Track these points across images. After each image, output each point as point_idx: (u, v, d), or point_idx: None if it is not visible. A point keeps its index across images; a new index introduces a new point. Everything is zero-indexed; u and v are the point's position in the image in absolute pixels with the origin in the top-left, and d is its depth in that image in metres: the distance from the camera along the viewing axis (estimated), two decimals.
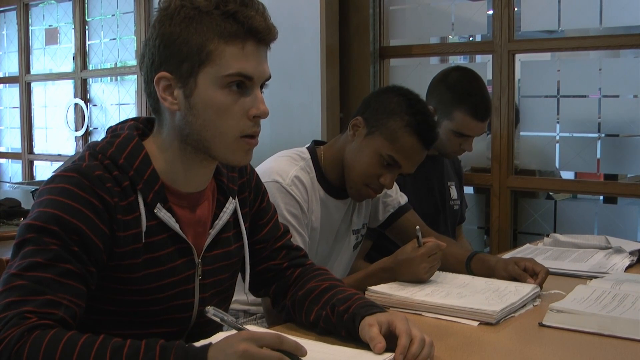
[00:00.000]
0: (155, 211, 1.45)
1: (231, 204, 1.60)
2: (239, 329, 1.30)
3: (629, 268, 2.38)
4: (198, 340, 1.35)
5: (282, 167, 2.16)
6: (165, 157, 1.49)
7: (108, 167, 1.42)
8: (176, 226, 1.48)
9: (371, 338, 1.43)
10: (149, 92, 1.48)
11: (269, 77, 1.48)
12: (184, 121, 1.45)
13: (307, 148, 2.30)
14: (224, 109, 1.43)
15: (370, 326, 1.46)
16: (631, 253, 2.50)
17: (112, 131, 1.52)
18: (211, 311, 1.30)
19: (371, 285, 1.95)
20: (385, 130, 2.15)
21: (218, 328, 1.41)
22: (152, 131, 1.53)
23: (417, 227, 2.07)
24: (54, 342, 1.20)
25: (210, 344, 1.24)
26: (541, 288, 2.02)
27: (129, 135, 1.48)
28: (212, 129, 1.44)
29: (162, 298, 1.48)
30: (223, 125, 1.44)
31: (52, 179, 1.40)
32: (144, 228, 1.43)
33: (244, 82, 1.43)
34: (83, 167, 1.40)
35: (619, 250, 2.55)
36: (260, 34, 1.43)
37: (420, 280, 2.01)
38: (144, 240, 1.43)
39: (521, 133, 3.76)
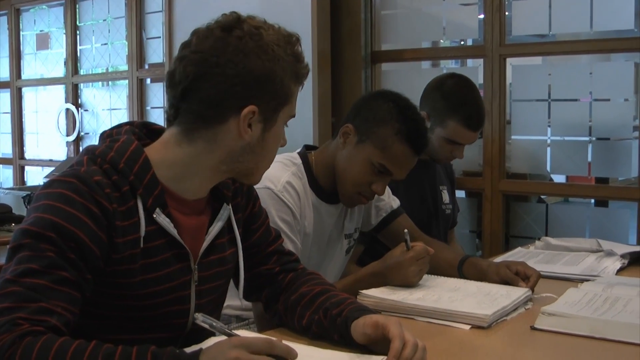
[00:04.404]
0: (154, 216, 1.44)
1: (226, 210, 1.60)
2: (229, 335, 1.30)
3: (620, 271, 2.39)
4: (194, 345, 1.35)
5: (273, 173, 2.15)
6: (183, 168, 1.49)
7: (107, 171, 1.41)
8: (174, 231, 1.47)
9: (371, 323, 1.46)
10: (195, 110, 1.46)
11: None
12: (248, 150, 1.49)
13: (299, 153, 2.29)
14: (279, 144, 1.57)
15: (364, 323, 1.48)
16: (622, 256, 2.51)
17: (108, 136, 1.51)
18: (200, 318, 1.31)
19: (361, 290, 1.95)
20: (375, 139, 2.15)
21: (212, 333, 1.41)
22: (148, 136, 1.54)
23: (406, 230, 2.08)
24: (45, 349, 1.20)
25: (200, 350, 1.24)
26: (533, 291, 2.02)
27: (127, 140, 1.47)
28: (269, 160, 1.57)
29: (158, 304, 1.48)
30: (273, 158, 1.58)
31: (50, 184, 1.39)
32: (142, 233, 1.43)
33: None
34: (81, 172, 1.39)
35: (610, 254, 2.55)
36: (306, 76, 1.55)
37: (409, 283, 2.01)
38: (142, 246, 1.43)
39: (512, 137, 3.77)
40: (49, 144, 6.10)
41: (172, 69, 1.48)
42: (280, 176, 2.15)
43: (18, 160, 6.28)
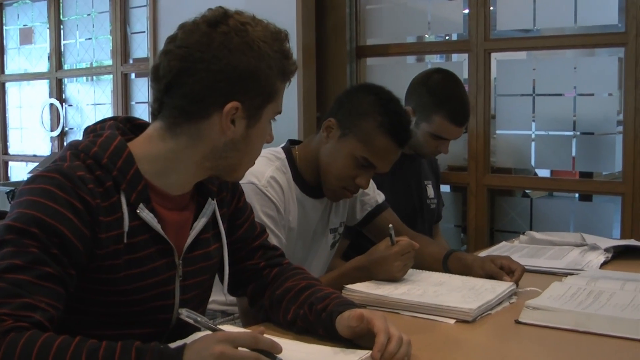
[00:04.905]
0: (138, 211, 1.44)
1: (210, 205, 1.60)
2: (213, 330, 1.30)
3: (604, 265, 2.40)
4: (179, 340, 1.35)
5: (257, 168, 2.13)
6: (167, 163, 1.48)
7: (91, 167, 1.40)
8: (158, 226, 1.47)
9: (356, 315, 1.46)
10: (179, 105, 1.45)
11: None
12: (232, 146, 1.48)
13: (283, 148, 2.29)
14: (264, 141, 1.55)
15: (349, 316, 1.48)
16: (606, 250, 2.52)
17: (92, 131, 1.51)
18: (184, 313, 1.31)
19: (345, 285, 1.95)
20: (358, 132, 2.14)
21: (197, 328, 1.41)
22: (132, 130, 1.53)
23: (390, 225, 2.08)
24: (29, 344, 1.19)
25: (185, 345, 1.23)
26: (517, 286, 2.03)
27: (111, 135, 1.47)
28: (253, 157, 1.56)
29: (143, 299, 1.47)
30: (257, 154, 1.57)
31: (33, 179, 1.38)
32: (126, 229, 1.42)
33: None
34: (64, 167, 1.38)
35: (594, 248, 2.56)
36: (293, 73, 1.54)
37: (393, 278, 2.01)
38: (125, 241, 1.42)
39: (497, 131, 3.78)
40: (32, 139, 6.06)
41: (157, 63, 1.47)
42: (264, 171, 2.14)
43: (2, 155, 6.23)
